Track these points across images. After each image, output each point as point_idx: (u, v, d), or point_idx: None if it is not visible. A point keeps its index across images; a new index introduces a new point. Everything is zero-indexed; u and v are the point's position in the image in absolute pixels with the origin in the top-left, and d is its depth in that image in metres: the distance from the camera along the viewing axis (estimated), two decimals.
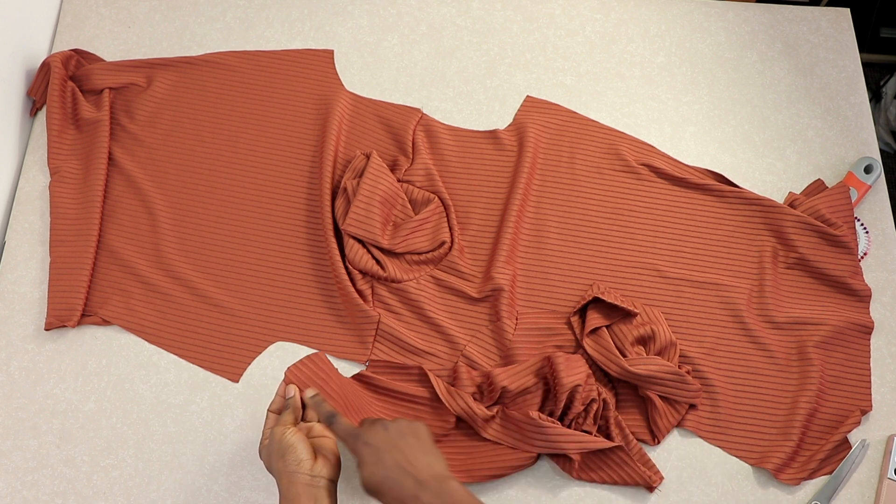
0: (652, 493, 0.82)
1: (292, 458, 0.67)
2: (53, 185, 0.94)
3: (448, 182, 0.95)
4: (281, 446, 0.68)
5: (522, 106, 1.00)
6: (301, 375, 0.75)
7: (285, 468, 0.67)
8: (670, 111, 1.01)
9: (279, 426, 0.70)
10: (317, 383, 0.75)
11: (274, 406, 0.74)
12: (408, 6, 1.07)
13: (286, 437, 0.68)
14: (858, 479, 0.84)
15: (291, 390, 0.73)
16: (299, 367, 0.76)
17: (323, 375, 0.76)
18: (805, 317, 0.89)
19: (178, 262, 0.91)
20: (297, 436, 0.69)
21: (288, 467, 0.67)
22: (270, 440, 0.70)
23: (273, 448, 0.69)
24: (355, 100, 1.00)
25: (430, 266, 0.91)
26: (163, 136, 0.97)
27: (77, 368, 0.86)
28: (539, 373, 0.82)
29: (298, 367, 0.76)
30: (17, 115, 0.97)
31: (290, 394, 0.73)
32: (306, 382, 0.75)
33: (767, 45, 1.05)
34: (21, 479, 0.82)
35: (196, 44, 1.03)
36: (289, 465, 0.67)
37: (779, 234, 0.93)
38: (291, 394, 0.73)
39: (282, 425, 0.70)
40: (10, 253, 0.92)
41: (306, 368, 0.76)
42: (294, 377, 0.75)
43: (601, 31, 1.06)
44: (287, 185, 0.95)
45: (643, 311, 0.88)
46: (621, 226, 0.94)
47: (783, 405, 0.86)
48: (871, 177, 0.95)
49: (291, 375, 0.75)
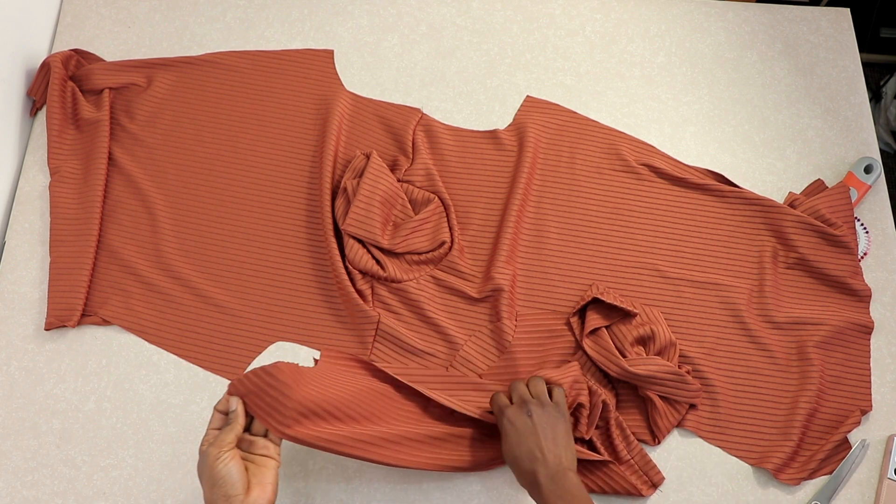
0: (653, 493, 0.82)
1: (221, 492, 0.61)
2: (53, 185, 0.94)
3: (448, 182, 0.95)
4: (212, 474, 0.61)
5: (522, 106, 1.01)
6: (249, 386, 0.66)
7: (213, 499, 0.61)
8: (670, 111, 1.01)
9: (214, 447, 0.62)
10: (267, 396, 0.65)
11: (221, 405, 0.66)
12: (408, 6, 1.07)
13: (218, 465, 0.61)
14: (858, 479, 0.84)
15: (234, 403, 0.65)
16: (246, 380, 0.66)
17: (271, 387, 0.66)
18: (805, 317, 0.89)
19: (178, 262, 0.91)
20: (231, 464, 0.61)
21: (216, 500, 0.61)
22: (203, 459, 0.63)
23: (204, 471, 0.62)
24: (355, 100, 1.00)
25: (430, 266, 0.91)
26: (163, 136, 0.97)
27: (77, 368, 0.86)
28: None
29: (246, 380, 0.66)
30: (17, 115, 0.97)
31: (233, 406, 0.65)
32: (254, 394, 0.66)
33: (767, 45, 1.05)
34: (21, 479, 0.82)
35: (196, 44, 1.03)
36: (217, 499, 0.61)
37: (779, 234, 0.93)
38: (234, 407, 0.65)
39: (217, 446, 0.62)
40: (10, 253, 0.92)
41: (258, 379, 0.66)
42: (241, 388, 0.66)
43: (601, 31, 1.06)
44: (287, 185, 0.95)
45: (643, 311, 0.88)
46: (621, 226, 0.94)
47: (783, 405, 0.86)
48: (871, 177, 0.95)
49: (238, 387, 0.66)
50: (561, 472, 0.67)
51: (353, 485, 0.82)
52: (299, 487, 0.82)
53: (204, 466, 0.62)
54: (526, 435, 0.70)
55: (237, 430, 0.64)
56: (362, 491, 0.82)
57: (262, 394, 0.66)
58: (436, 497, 0.82)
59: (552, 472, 0.67)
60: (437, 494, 0.81)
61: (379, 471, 0.82)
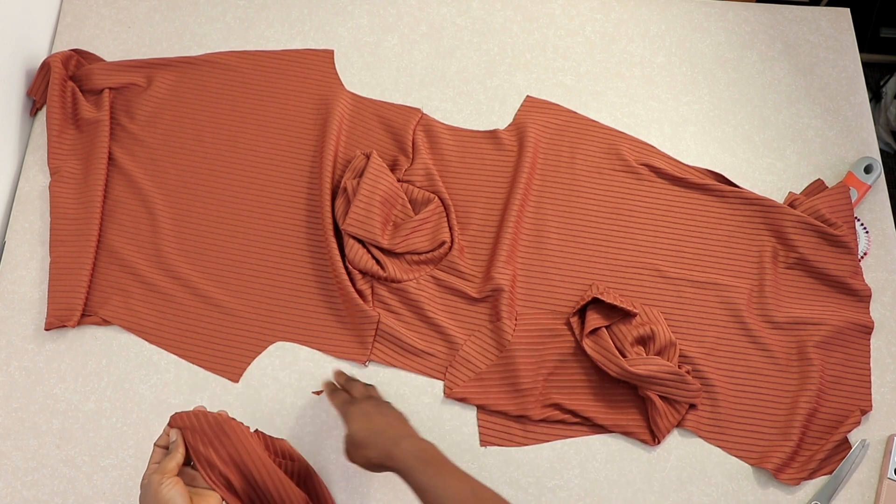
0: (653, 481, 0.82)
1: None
2: (53, 185, 0.94)
3: (448, 182, 0.95)
4: (156, 500, 0.61)
5: (522, 106, 1.00)
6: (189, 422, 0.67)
7: None
8: (670, 111, 1.01)
9: (157, 474, 0.62)
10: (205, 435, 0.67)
11: (161, 440, 0.67)
12: (408, 6, 1.07)
13: (162, 489, 0.61)
14: (858, 479, 0.84)
15: (174, 434, 0.66)
16: (189, 416, 0.68)
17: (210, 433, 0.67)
18: (805, 317, 0.89)
19: (178, 262, 0.91)
20: (175, 489, 0.61)
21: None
22: (146, 489, 0.62)
23: (148, 499, 0.62)
24: (355, 100, 1.00)
25: (430, 266, 0.91)
26: (163, 136, 0.97)
27: (77, 368, 0.86)
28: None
29: (188, 416, 0.68)
30: (17, 115, 0.97)
31: (173, 438, 0.66)
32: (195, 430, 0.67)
33: (767, 45, 1.05)
34: (21, 479, 0.82)
35: (196, 44, 1.03)
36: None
37: (779, 234, 0.93)
38: (174, 438, 0.66)
39: (160, 473, 0.62)
40: (10, 253, 0.92)
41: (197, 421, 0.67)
42: (181, 422, 0.67)
43: (601, 31, 1.06)
44: (287, 185, 0.95)
45: (643, 311, 0.88)
46: (621, 226, 0.94)
47: (783, 405, 0.86)
48: (871, 177, 0.95)
49: (178, 420, 0.67)
50: (419, 437, 0.73)
51: (353, 484, 0.82)
52: None
53: (147, 495, 0.62)
54: (375, 414, 0.75)
55: (178, 459, 0.65)
56: (362, 491, 0.82)
57: (202, 432, 0.67)
58: None
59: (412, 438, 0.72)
60: None
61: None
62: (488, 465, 0.84)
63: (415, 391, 0.87)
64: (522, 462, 0.84)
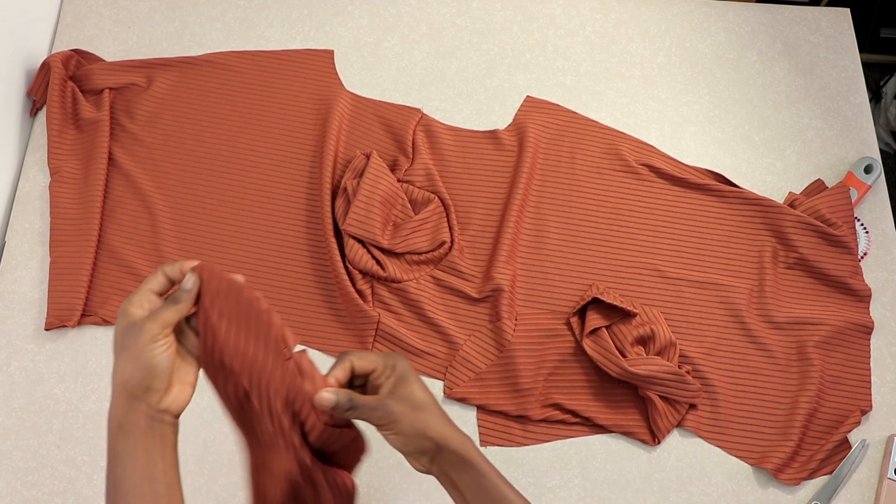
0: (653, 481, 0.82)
1: (142, 384, 0.51)
2: (53, 185, 0.94)
3: (448, 182, 0.95)
4: (138, 360, 0.51)
5: (522, 106, 1.00)
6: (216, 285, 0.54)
7: (128, 387, 0.52)
8: (670, 111, 1.01)
9: (153, 322, 0.51)
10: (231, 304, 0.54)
11: (172, 271, 0.55)
12: (408, 6, 1.07)
13: (154, 349, 0.51)
14: (858, 479, 0.84)
15: (190, 281, 0.54)
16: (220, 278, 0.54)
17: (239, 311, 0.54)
18: (805, 317, 0.89)
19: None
20: (165, 354, 0.52)
21: (133, 389, 0.51)
22: (132, 331, 0.51)
23: (129, 344, 0.52)
24: (355, 100, 1.00)
25: (430, 266, 0.91)
26: (163, 136, 0.97)
27: (77, 368, 0.86)
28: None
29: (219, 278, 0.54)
30: (17, 115, 0.97)
31: (188, 285, 0.54)
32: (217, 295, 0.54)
33: (767, 45, 1.05)
34: (21, 479, 0.82)
35: (196, 44, 1.03)
36: (135, 388, 0.51)
37: (779, 234, 0.93)
38: (189, 285, 0.54)
39: (157, 322, 0.52)
40: (10, 253, 0.92)
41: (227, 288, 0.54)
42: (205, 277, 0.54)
43: (601, 31, 1.06)
44: (287, 185, 0.95)
45: (643, 311, 0.88)
46: (621, 226, 0.94)
47: (783, 405, 0.86)
48: (871, 177, 0.95)
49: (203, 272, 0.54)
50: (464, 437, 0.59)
51: None
52: None
53: (131, 339, 0.51)
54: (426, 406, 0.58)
55: (183, 312, 0.53)
56: (362, 491, 0.82)
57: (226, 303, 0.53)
58: (436, 497, 0.82)
59: (455, 429, 0.58)
60: (438, 494, 0.81)
61: (380, 471, 0.82)
62: None
63: None
64: (522, 462, 0.84)
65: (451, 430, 0.57)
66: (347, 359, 0.57)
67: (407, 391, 0.56)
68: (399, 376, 0.57)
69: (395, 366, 0.57)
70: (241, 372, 0.53)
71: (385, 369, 0.57)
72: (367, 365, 0.57)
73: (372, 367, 0.57)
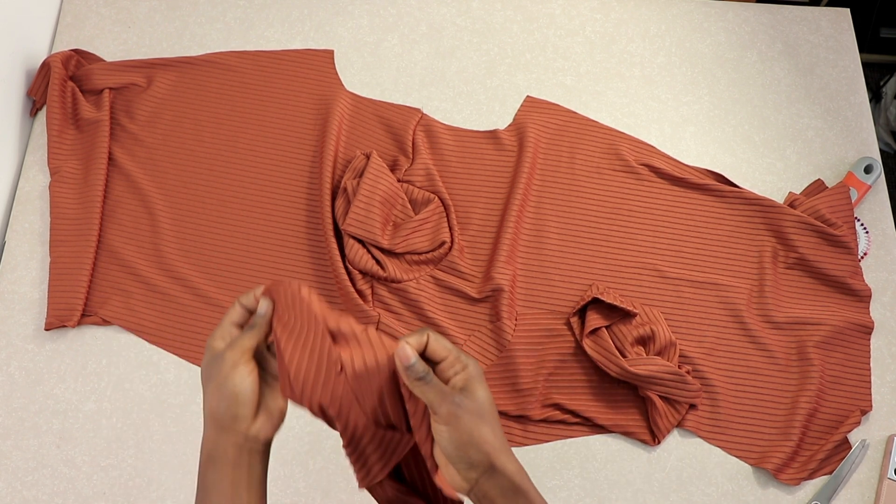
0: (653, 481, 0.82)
1: (228, 412, 0.52)
2: (53, 185, 0.94)
3: (448, 182, 0.95)
4: (223, 390, 0.52)
5: (522, 106, 1.00)
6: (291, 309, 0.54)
7: (216, 417, 0.53)
8: (670, 111, 1.01)
9: (233, 350, 0.53)
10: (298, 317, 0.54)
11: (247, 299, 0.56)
12: (408, 6, 1.07)
13: (235, 376, 0.52)
14: (858, 479, 0.84)
15: (264, 306, 0.55)
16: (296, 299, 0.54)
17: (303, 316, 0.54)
18: (805, 317, 0.89)
19: (178, 262, 0.91)
20: (248, 379, 0.53)
21: (221, 419, 0.52)
22: (213, 362, 0.53)
23: (214, 375, 0.53)
24: (355, 100, 1.00)
25: (430, 266, 0.91)
26: (163, 136, 0.97)
27: (77, 368, 0.86)
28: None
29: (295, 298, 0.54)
30: (17, 115, 0.97)
31: (262, 310, 0.55)
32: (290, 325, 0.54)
33: (767, 45, 1.05)
34: (21, 479, 0.82)
35: (196, 44, 1.03)
36: (222, 417, 0.52)
37: (779, 234, 0.93)
38: (262, 310, 0.55)
39: (236, 350, 0.53)
40: (10, 253, 0.92)
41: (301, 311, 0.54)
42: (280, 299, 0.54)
43: (601, 31, 1.06)
44: (287, 185, 0.95)
45: (643, 311, 0.88)
46: (621, 226, 0.94)
47: (783, 405, 0.86)
48: (871, 177, 0.95)
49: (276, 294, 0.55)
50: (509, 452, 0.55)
51: (353, 485, 0.82)
52: (299, 488, 0.82)
53: (215, 370, 0.53)
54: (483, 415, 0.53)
55: (260, 337, 0.54)
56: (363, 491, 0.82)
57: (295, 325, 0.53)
58: None
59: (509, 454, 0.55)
60: None
61: None
62: None
63: None
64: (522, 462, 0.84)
65: (510, 454, 0.53)
66: (425, 333, 0.54)
67: (476, 395, 0.52)
68: (470, 376, 0.53)
69: (467, 364, 0.53)
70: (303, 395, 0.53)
71: (456, 363, 0.53)
72: (441, 350, 0.53)
73: (445, 354, 0.53)
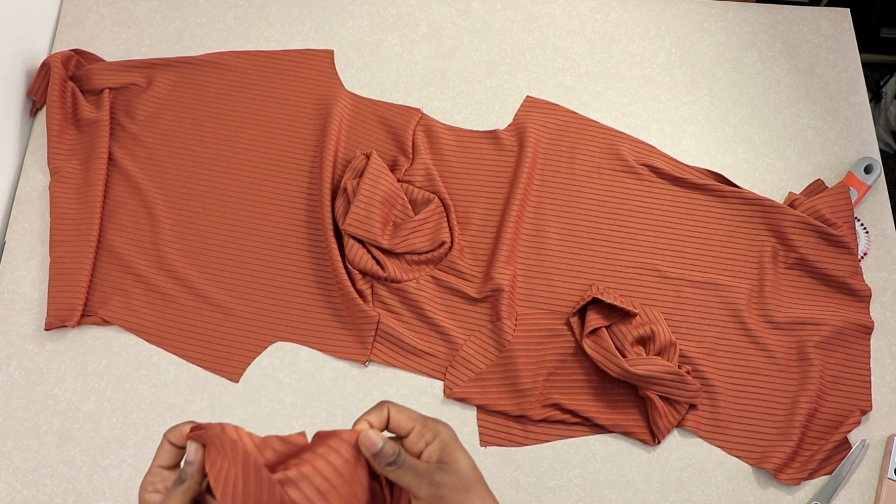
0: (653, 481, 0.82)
1: None
2: (53, 185, 0.94)
3: (448, 182, 0.95)
4: None
5: (522, 106, 1.00)
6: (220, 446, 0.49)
7: None
8: (670, 111, 1.01)
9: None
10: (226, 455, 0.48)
11: (176, 437, 0.51)
12: (408, 6, 1.07)
13: None
14: (858, 479, 0.84)
15: (192, 451, 0.49)
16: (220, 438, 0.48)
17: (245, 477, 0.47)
18: (805, 317, 0.89)
19: (178, 262, 0.91)
20: None
21: None
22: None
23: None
24: (355, 100, 1.00)
25: (430, 266, 0.91)
26: (163, 136, 0.97)
27: (77, 368, 0.86)
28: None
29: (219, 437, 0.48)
30: (17, 115, 0.97)
31: (190, 457, 0.49)
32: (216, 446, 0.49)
33: (767, 45, 1.05)
34: (21, 479, 0.82)
35: (196, 44, 1.03)
36: None
37: (779, 234, 0.93)
38: (191, 457, 0.49)
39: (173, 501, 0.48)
40: (10, 253, 0.92)
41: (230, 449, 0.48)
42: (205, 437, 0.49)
43: (601, 31, 1.06)
44: (287, 185, 0.95)
45: (643, 311, 0.88)
46: (621, 226, 0.94)
47: (783, 405, 0.86)
48: (871, 177, 0.95)
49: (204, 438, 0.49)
50: None
51: None
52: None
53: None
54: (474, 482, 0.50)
55: (192, 491, 0.48)
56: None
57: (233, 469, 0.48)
58: None
59: None
60: None
61: None
62: (488, 465, 0.84)
63: (415, 391, 0.87)
64: (522, 462, 0.84)
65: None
66: (384, 406, 0.51)
67: (457, 465, 0.49)
68: (444, 443, 0.49)
69: (438, 431, 0.50)
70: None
71: (425, 431, 0.50)
72: (406, 421, 0.50)
73: (411, 424, 0.50)
